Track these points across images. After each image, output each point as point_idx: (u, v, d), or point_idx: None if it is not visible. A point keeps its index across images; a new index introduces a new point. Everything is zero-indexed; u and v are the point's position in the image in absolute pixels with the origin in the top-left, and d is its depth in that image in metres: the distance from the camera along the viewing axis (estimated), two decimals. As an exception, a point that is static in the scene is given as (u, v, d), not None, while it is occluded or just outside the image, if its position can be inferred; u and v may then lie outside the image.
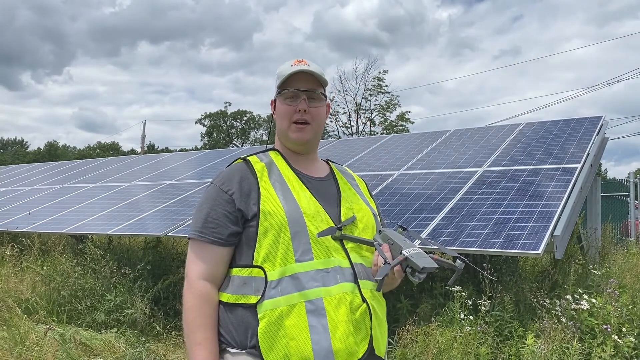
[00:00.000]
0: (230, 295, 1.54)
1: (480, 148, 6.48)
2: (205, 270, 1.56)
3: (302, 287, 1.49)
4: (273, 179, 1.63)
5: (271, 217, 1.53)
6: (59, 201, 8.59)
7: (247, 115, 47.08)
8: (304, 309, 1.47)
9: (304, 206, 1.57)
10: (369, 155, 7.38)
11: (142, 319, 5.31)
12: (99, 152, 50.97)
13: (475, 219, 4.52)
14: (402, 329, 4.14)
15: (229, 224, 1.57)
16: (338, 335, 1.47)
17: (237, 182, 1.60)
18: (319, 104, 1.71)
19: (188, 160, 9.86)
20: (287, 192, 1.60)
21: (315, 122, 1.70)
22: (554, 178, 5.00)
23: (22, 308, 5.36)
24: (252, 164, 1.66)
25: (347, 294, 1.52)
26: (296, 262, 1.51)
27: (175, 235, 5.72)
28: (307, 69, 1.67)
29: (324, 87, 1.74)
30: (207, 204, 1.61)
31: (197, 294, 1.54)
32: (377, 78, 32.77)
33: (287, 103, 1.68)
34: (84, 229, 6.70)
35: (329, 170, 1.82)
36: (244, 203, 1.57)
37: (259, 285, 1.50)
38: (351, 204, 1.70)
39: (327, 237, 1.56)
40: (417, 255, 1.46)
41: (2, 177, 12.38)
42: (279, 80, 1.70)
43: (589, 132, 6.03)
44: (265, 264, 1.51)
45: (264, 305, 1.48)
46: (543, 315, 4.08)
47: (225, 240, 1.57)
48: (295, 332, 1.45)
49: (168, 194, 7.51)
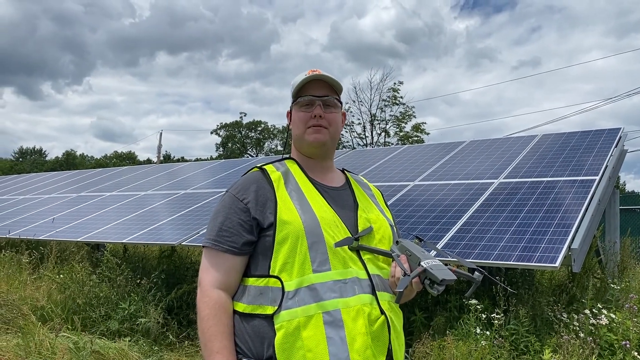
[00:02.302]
0: (247, 306, 1.52)
1: (497, 159, 6.42)
2: (219, 279, 1.55)
3: (320, 298, 1.47)
4: (289, 188, 1.62)
5: (288, 227, 1.52)
6: (76, 209, 8.68)
7: (261, 126, 47.32)
8: (322, 321, 1.45)
9: (321, 216, 1.56)
10: (384, 166, 7.35)
11: (155, 328, 5.32)
12: (116, 162, 51.53)
13: (491, 231, 4.47)
14: (417, 342, 4.09)
15: (243, 233, 1.55)
16: (356, 348, 1.45)
17: (253, 191, 1.59)
18: (335, 109, 1.70)
19: (204, 170, 9.91)
20: (303, 201, 1.59)
21: (332, 126, 1.69)
22: (571, 190, 4.93)
23: (37, 315, 5.40)
24: (268, 172, 1.65)
25: (365, 306, 1.50)
26: (313, 273, 1.49)
27: (189, 244, 5.74)
28: (322, 76, 1.67)
29: (338, 93, 1.73)
30: (222, 213, 1.60)
31: (211, 303, 1.52)
32: (392, 89, 32.77)
33: (303, 110, 1.68)
34: (100, 237, 6.75)
35: (345, 179, 1.81)
36: (260, 212, 1.56)
37: (275, 295, 1.48)
38: (368, 214, 1.68)
39: (344, 248, 1.54)
40: (436, 267, 1.44)
41: (20, 185, 12.55)
42: (294, 89, 1.70)
43: (608, 144, 5.95)
44: (282, 274, 1.49)
45: (281, 316, 1.46)
46: (561, 330, 4.01)
47: (239, 249, 1.55)
48: (313, 343, 1.43)
49: (183, 203, 7.55)
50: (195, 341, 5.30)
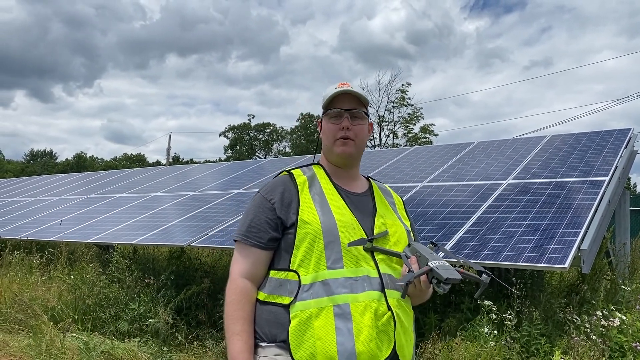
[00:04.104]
0: (267, 295, 1.69)
1: (505, 160, 6.40)
2: (246, 269, 1.72)
3: (332, 292, 1.61)
4: (313, 191, 1.77)
5: (307, 227, 1.68)
6: (86, 211, 8.75)
7: (270, 128, 47.44)
8: (332, 313, 1.60)
9: (339, 218, 1.70)
10: (392, 167, 7.35)
11: (164, 328, 5.34)
12: (125, 164, 51.83)
13: (500, 231, 4.46)
14: (426, 342, 4.09)
15: (269, 230, 1.72)
16: (362, 339, 1.58)
17: (280, 192, 1.76)
18: (362, 122, 1.84)
19: (213, 172, 9.95)
20: (324, 204, 1.74)
21: (358, 138, 1.82)
22: (581, 191, 4.91)
23: (48, 316, 5.45)
24: (295, 177, 1.81)
25: (373, 302, 1.63)
26: (327, 269, 1.64)
27: (198, 245, 5.77)
28: (350, 90, 1.81)
29: (366, 106, 1.87)
30: (252, 211, 1.78)
31: (237, 289, 1.69)
32: (400, 90, 32.73)
33: (332, 122, 1.82)
34: (110, 238, 6.80)
35: (369, 186, 1.94)
36: (284, 212, 1.72)
37: (292, 287, 1.64)
38: (385, 219, 1.81)
39: (358, 248, 1.68)
40: (442, 267, 1.56)
41: (31, 187, 12.66)
42: (324, 101, 1.85)
43: (617, 145, 5.91)
44: (300, 269, 1.65)
45: (296, 306, 1.61)
46: (571, 332, 3.99)
47: (265, 244, 1.72)
48: (323, 332, 1.58)
49: (192, 205, 7.59)
50: (204, 342, 5.32)
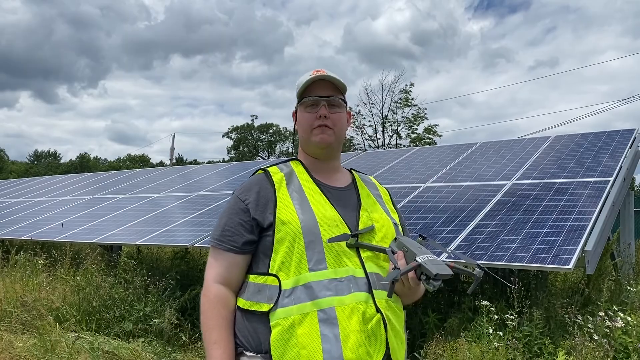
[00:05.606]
0: (245, 302, 1.57)
1: (509, 161, 6.40)
2: (220, 274, 1.60)
3: (315, 296, 1.49)
4: (291, 188, 1.65)
5: (286, 227, 1.56)
6: (90, 211, 8.77)
7: (273, 128, 47.43)
8: (316, 318, 1.47)
9: (320, 215, 1.58)
10: (395, 167, 7.35)
11: (168, 329, 5.35)
12: (129, 164, 51.95)
13: (504, 232, 4.45)
14: (429, 343, 4.08)
15: (244, 233, 1.60)
16: (349, 345, 1.46)
17: (255, 192, 1.64)
18: (340, 109, 1.72)
19: (217, 172, 9.97)
20: (304, 201, 1.61)
21: (337, 127, 1.70)
22: (585, 191, 4.90)
23: (53, 316, 5.47)
24: (271, 174, 1.69)
25: (360, 304, 1.50)
26: (309, 272, 1.51)
27: (202, 245, 5.78)
28: (326, 76, 1.69)
29: (343, 93, 1.75)
30: (226, 214, 1.67)
31: (211, 296, 1.58)
32: (403, 91, 32.68)
33: (308, 111, 1.70)
34: (114, 239, 6.82)
35: (351, 179, 1.82)
36: (260, 213, 1.60)
37: (272, 293, 1.52)
38: (371, 213, 1.69)
39: (341, 245, 1.56)
40: (431, 262, 1.44)
41: (35, 188, 12.70)
42: (298, 89, 1.72)
43: (622, 145, 5.90)
44: (280, 272, 1.53)
45: (276, 314, 1.50)
46: (575, 332, 3.98)
47: (240, 248, 1.60)
48: (307, 341, 1.46)
49: (196, 205, 7.60)
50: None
